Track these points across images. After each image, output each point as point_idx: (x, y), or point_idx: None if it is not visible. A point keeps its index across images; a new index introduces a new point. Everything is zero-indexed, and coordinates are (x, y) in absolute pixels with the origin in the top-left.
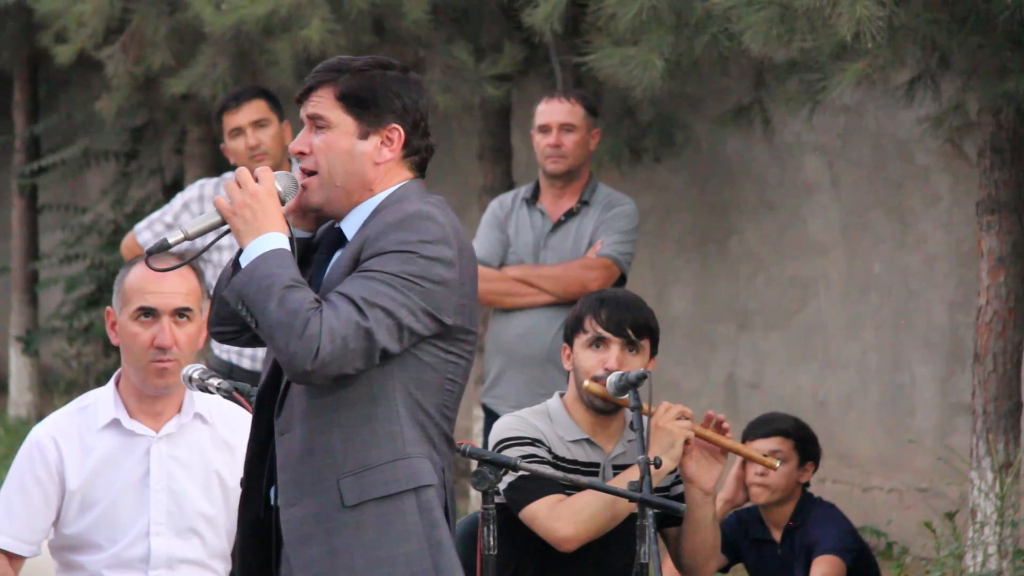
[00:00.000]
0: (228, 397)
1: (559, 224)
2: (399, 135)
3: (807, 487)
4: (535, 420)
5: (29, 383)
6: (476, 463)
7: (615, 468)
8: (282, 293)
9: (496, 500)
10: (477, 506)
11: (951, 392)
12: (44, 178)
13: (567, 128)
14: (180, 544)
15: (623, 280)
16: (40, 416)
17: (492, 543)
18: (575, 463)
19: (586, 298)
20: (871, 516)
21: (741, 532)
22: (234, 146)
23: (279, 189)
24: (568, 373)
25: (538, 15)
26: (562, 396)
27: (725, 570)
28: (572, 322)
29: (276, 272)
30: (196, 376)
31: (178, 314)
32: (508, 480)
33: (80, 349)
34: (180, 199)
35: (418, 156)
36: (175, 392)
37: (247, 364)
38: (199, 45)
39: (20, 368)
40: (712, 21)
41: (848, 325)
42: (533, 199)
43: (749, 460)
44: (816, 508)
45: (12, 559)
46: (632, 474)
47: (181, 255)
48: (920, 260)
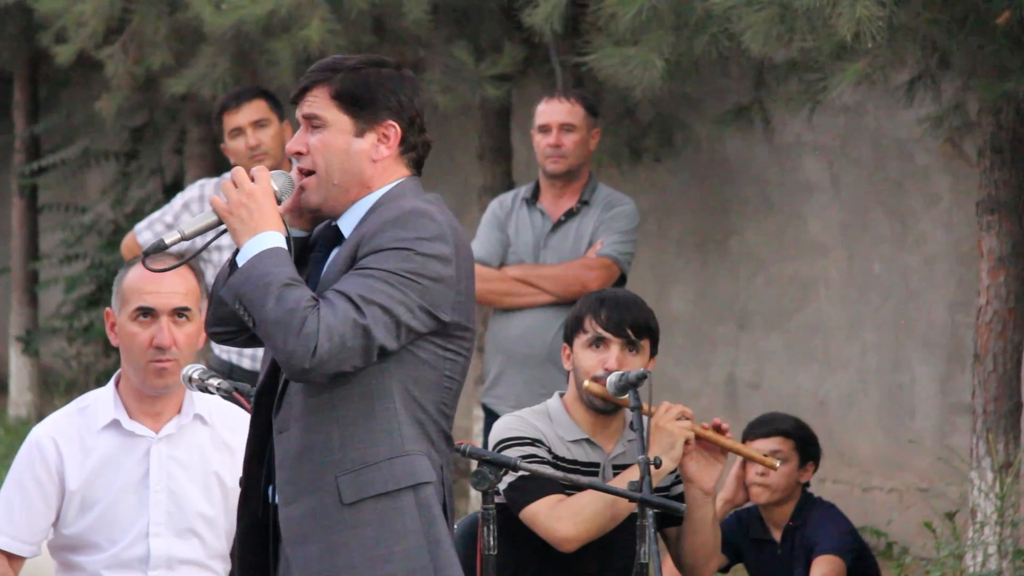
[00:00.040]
0: (228, 397)
1: (559, 224)
2: (395, 132)
3: (807, 487)
4: (535, 420)
5: (29, 383)
6: (476, 463)
7: (615, 468)
8: (279, 291)
9: (496, 500)
10: (477, 506)
11: (951, 392)
12: (44, 178)
13: (567, 128)
14: (179, 545)
15: (623, 280)
16: (40, 416)
17: (492, 543)
18: (575, 463)
19: (586, 298)
20: (871, 516)
21: (741, 532)
22: (234, 146)
23: (275, 188)
24: (568, 373)
25: (538, 15)
26: (562, 396)
27: (725, 570)
28: (572, 322)
29: (273, 271)
30: (196, 376)
31: (177, 314)
32: (508, 480)
33: (80, 349)
34: (180, 199)
35: (415, 153)
36: (175, 393)
37: (247, 364)
38: (199, 45)
39: (20, 368)
40: (712, 21)
41: (848, 325)
42: (533, 199)
43: (749, 460)
44: (816, 508)
45: (12, 559)
46: (632, 474)
47: (181, 254)
48: (920, 260)
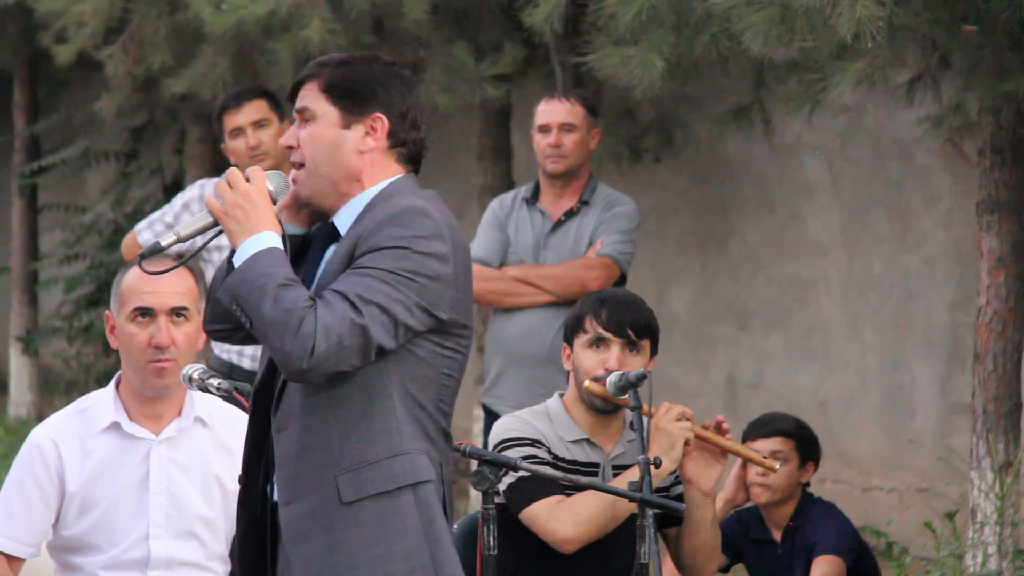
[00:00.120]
0: (228, 397)
1: (559, 224)
2: (383, 124)
3: (807, 487)
4: (535, 420)
5: (29, 383)
6: (476, 463)
7: (615, 468)
8: (276, 292)
9: (496, 500)
10: (477, 506)
11: (951, 392)
12: (44, 178)
13: (567, 128)
14: (179, 547)
15: (623, 280)
16: (40, 416)
17: (492, 543)
18: (575, 463)
19: (586, 298)
20: (871, 516)
21: (741, 532)
22: (235, 146)
23: (270, 188)
24: (568, 373)
25: (538, 15)
26: (562, 396)
27: (725, 570)
28: (572, 322)
29: (269, 271)
30: (196, 376)
31: (175, 313)
32: (508, 481)
33: (80, 349)
34: (181, 199)
35: (406, 148)
36: (175, 394)
37: (247, 364)
38: (199, 45)
39: (20, 368)
40: (712, 21)
41: (848, 325)
42: (533, 199)
43: (749, 461)
44: (816, 508)
45: (11, 561)
46: (632, 474)
47: (180, 255)
48: (920, 260)
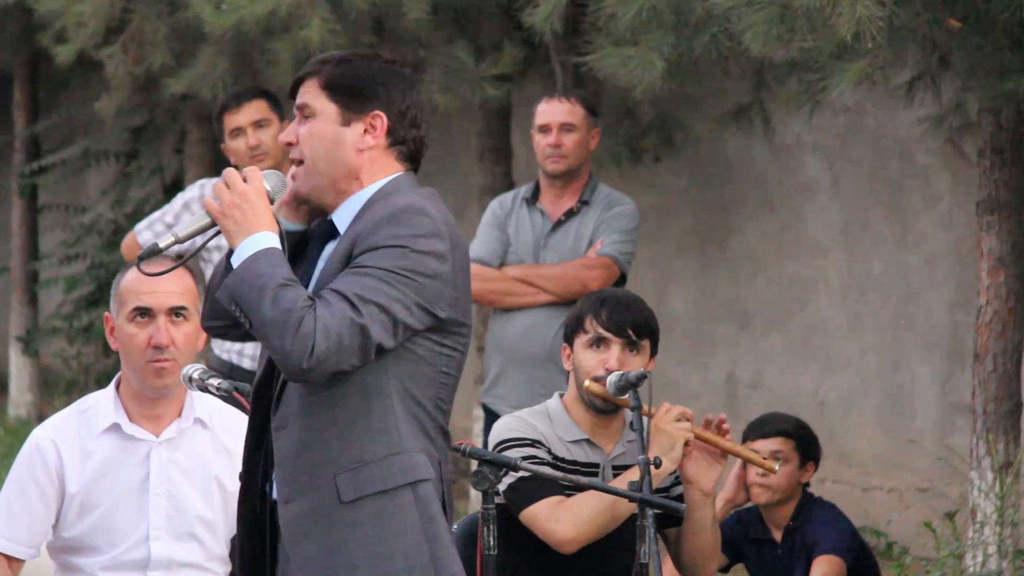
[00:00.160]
0: (228, 397)
1: (559, 224)
2: (382, 122)
3: (807, 487)
4: (535, 421)
5: (29, 383)
6: (476, 463)
7: (615, 469)
8: (275, 292)
9: (496, 500)
10: (477, 506)
11: (951, 392)
12: (44, 178)
13: (567, 128)
14: (179, 548)
15: (623, 280)
16: (40, 416)
17: (492, 543)
18: (575, 463)
19: (587, 298)
20: (871, 516)
21: (741, 532)
22: (235, 146)
23: (268, 188)
24: (568, 373)
25: (538, 15)
26: (562, 396)
27: (725, 570)
28: (572, 322)
29: (268, 271)
30: (196, 376)
31: (174, 313)
32: (508, 481)
33: (80, 349)
34: (181, 199)
35: (406, 146)
36: (175, 395)
37: (247, 364)
38: (199, 45)
39: (20, 368)
40: (712, 21)
41: (848, 325)
42: (533, 199)
43: (749, 462)
44: (817, 508)
45: (11, 561)
46: (632, 475)
47: (180, 255)
48: (920, 260)
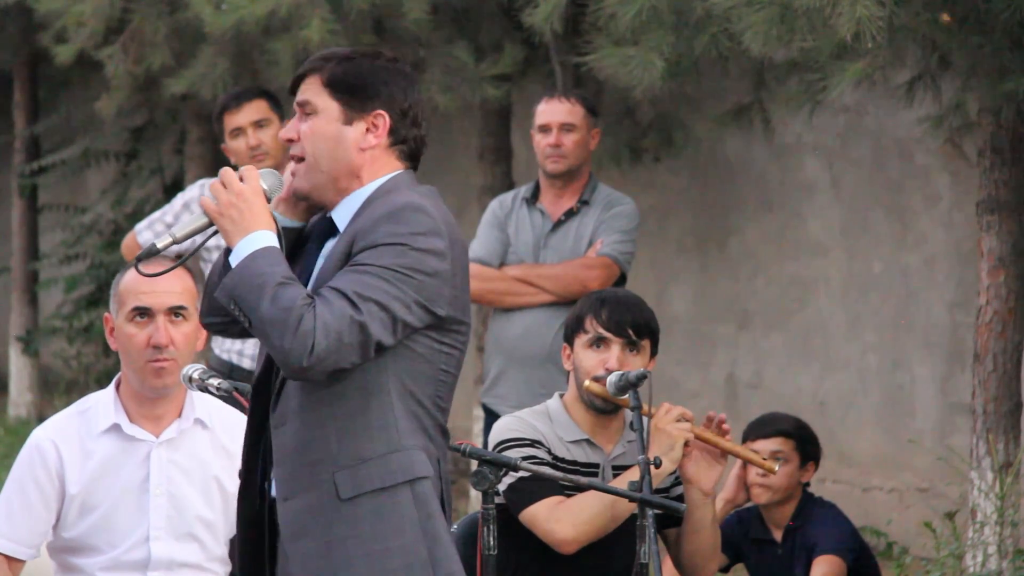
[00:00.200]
0: (228, 397)
1: (559, 224)
2: (384, 121)
3: (807, 487)
4: (534, 421)
5: (29, 383)
6: (476, 463)
7: (615, 469)
8: (274, 291)
9: (496, 500)
10: (477, 506)
11: (951, 392)
12: (44, 178)
13: (567, 128)
14: (179, 548)
15: (623, 279)
16: (40, 416)
17: (492, 543)
18: (575, 464)
19: (587, 298)
20: (871, 516)
21: (742, 532)
22: (235, 146)
23: (264, 187)
24: (568, 373)
25: (538, 15)
26: (562, 396)
27: (726, 570)
28: (572, 322)
29: (267, 270)
30: (196, 376)
31: (173, 313)
32: (508, 481)
33: (80, 349)
34: (181, 199)
35: (406, 145)
36: (175, 396)
37: (247, 364)
38: (199, 45)
39: (20, 368)
40: (712, 21)
41: (848, 325)
42: (533, 199)
43: (748, 463)
44: (817, 508)
45: (11, 562)
46: (632, 475)
47: (180, 255)
48: (920, 260)
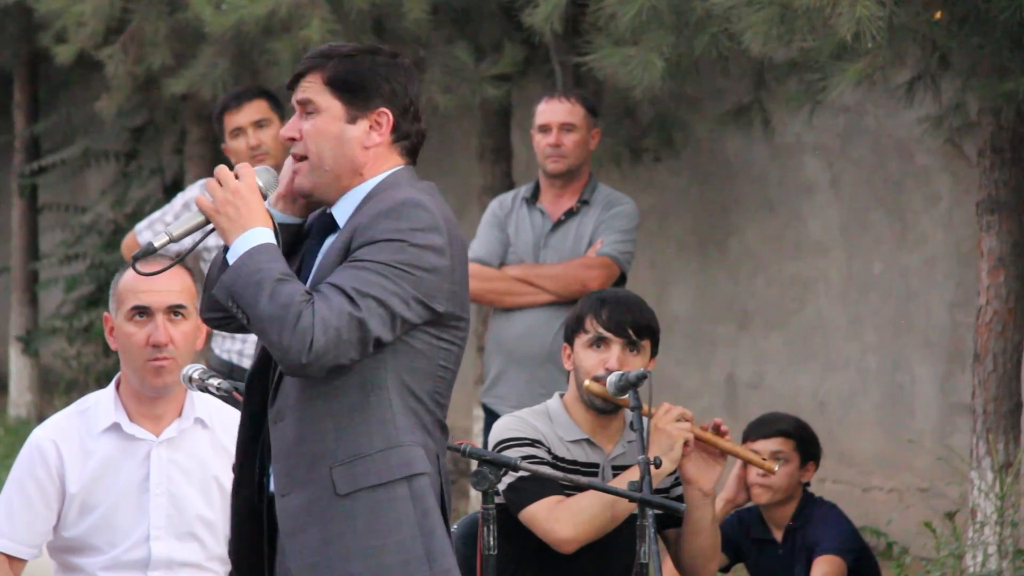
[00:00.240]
0: (228, 397)
1: (559, 223)
2: (388, 119)
3: (808, 487)
4: (534, 420)
5: (29, 383)
6: (476, 463)
7: (614, 469)
8: (273, 287)
9: (496, 500)
10: (477, 506)
11: (951, 392)
12: (44, 178)
13: (567, 128)
14: (179, 547)
15: (623, 279)
16: (40, 416)
17: (492, 543)
18: (574, 463)
19: (587, 298)
20: (871, 516)
21: (742, 532)
22: (235, 146)
23: (260, 184)
24: (568, 373)
25: (538, 15)
26: (562, 396)
27: (726, 570)
28: (573, 322)
29: (265, 267)
30: (196, 376)
31: (172, 312)
32: (507, 481)
33: (80, 349)
34: (181, 199)
35: (408, 141)
36: (175, 395)
37: (247, 365)
38: (199, 45)
39: (20, 368)
40: (712, 21)
41: (848, 325)
42: (533, 199)
43: (748, 463)
44: (817, 508)
45: (12, 562)
46: (632, 475)
47: (178, 253)
48: (920, 260)
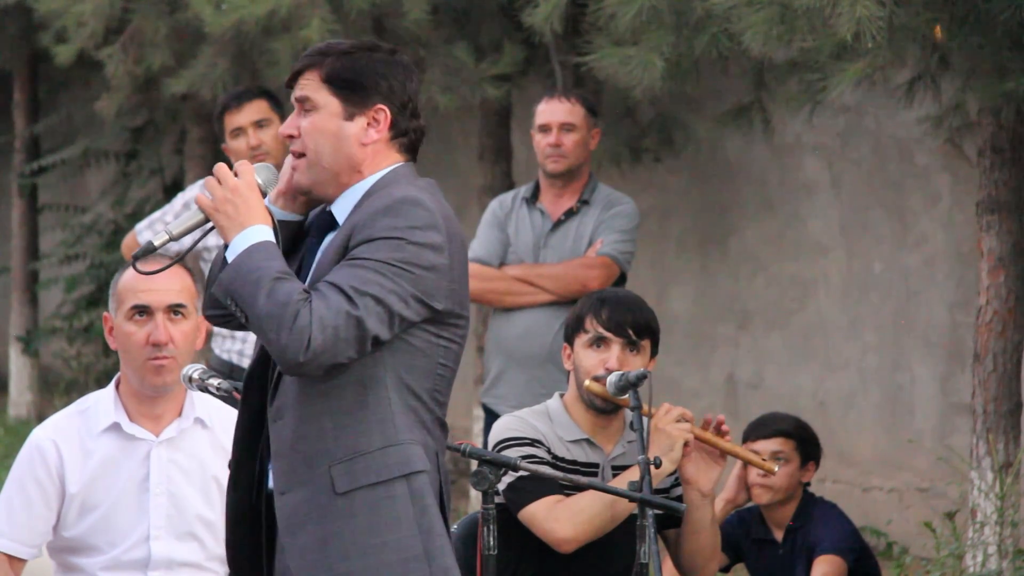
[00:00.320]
0: (228, 397)
1: (559, 223)
2: (385, 116)
3: (808, 487)
4: (534, 420)
5: (29, 383)
6: (476, 463)
7: (614, 469)
8: (271, 286)
9: (496, 500)
10: (477, 506)
11: (951, 392)
12: (44, 178)
13: (567, 128)
14: (179, 547)
15: (623, 279)
16: (40, 416)
17: (492, 543)
18: (574, 463)
19: (587, 298)
20: (871, 516)
21: (742, 532)
22: (235, 146)
23: (259, 181)
24: (568, 373)
25: (538, 15)
26: (562, 396)
27: (726, 569)
28: (573, 322)
29: (263, 265)
30: (196, 376)
31: (172, 311)
32: (507, 481)
33: (80, 349)
34: (181, 198)
35: (406, 138)
36: (175, 395)
37: (247, 364)
38: (199, 45)
39: (20, 368)
40: (712, 21)
41: (848, 325)
42: (533, 198)
43: (748, 463)
44: (818, 508)
45: (12, 561)
46: (632, 475)
47: (178, 252)
48: (920, 260)
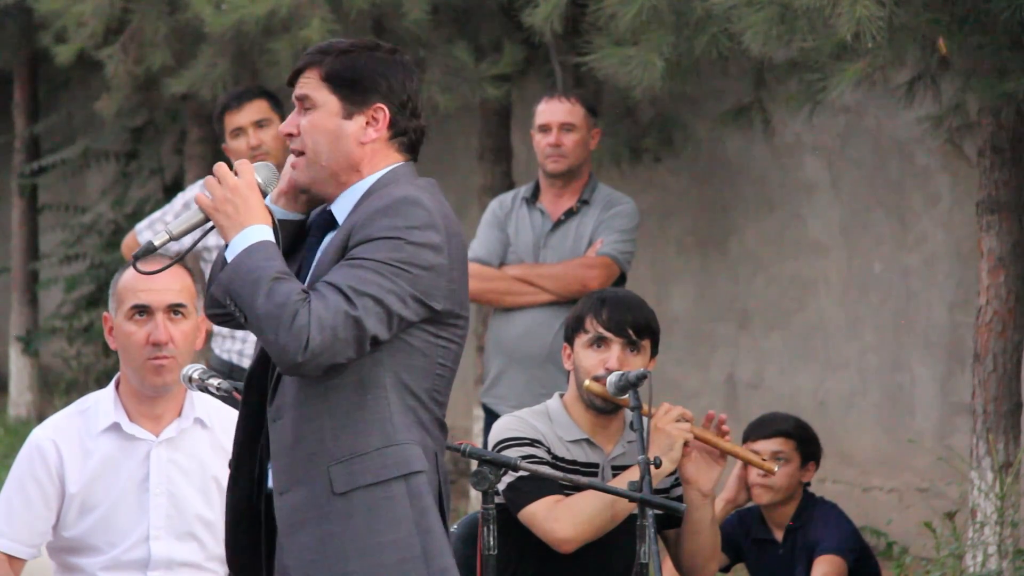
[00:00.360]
0: (228, 397)
1: (559, 223)
2: (384, 115)
3: (808, 487)
4: (534, 420)
5: (29, 383)
6: (476, 463)
7: (614, 469)
8: (269, 286)
9: (496, 500)
10: (477, 506)
11: (951, 392)
12: (44, 178)
13: (567, 128)
14: (179, 547)
15: (623, 279)
16: (40, 416)
17: (492, 543)
18: (574, 463)
19: (587, 298)
20: (871, 516)
21: (742, 532)
22: (236, 146)
23: (259, 180)
24: (568, 373)
25: (538, 15)
26: (562, 396)
27: (726, 569)
28: (573, 322)
29: (262, 265)
30: (196, 376)
31: (172, 311)
32: (507, 481)
33: (80, 349)
34: (181, 198)
35: (406, 137)
36: (175, 395)
37: (247, 365)
38: (199, 45)
39: (20, 368)
40: (712, 21)
41: (848, 325)
42: (533, 198)
43: (748, 464)
44: (818, 508)
45: (12, 561)
46: (632, 475)
47: (178, 252)
48: (920, 260)
